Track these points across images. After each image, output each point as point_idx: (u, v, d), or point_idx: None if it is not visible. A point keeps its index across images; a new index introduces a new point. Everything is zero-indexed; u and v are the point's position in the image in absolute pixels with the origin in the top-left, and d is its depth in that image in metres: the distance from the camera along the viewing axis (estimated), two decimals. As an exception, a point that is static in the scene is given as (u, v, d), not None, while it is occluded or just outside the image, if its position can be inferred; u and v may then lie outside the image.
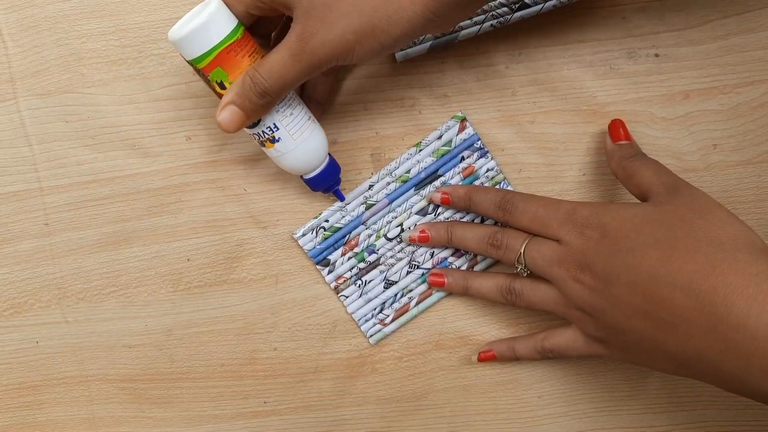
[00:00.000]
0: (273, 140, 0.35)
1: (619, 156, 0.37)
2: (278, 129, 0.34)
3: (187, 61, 0.33)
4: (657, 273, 0.31)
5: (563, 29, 0.40)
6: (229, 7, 0.32)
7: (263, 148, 0.36)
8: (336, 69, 0.37)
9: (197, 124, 0.41)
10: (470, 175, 0.41)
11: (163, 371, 0.43)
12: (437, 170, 0.41)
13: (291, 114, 0.34)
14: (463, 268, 0.41)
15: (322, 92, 0.39)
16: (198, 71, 0.33)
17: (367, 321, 0.42)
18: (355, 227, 0.41)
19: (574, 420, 0.42)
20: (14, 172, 0.42)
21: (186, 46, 0.32)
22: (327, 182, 0.38)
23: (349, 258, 0.41)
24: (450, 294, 0.42)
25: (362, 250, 0.41)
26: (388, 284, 0.42)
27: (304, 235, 0.41)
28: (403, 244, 0.41)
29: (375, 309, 0.42)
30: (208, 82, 0.33)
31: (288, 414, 0.43)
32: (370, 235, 0.41)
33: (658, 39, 0.40)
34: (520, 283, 0.37)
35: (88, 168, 0.41)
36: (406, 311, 0.42)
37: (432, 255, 0.41)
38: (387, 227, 0.41)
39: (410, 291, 0.42)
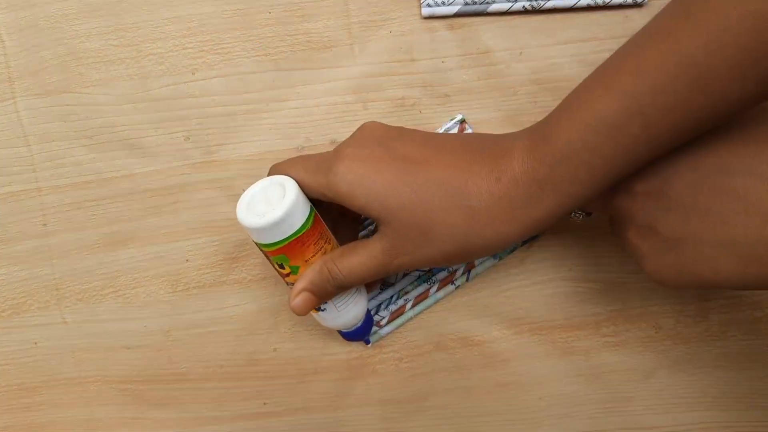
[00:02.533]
0: (319, 309, 0.36)
1: None
2: (326, 303, 0.36)
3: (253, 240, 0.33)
4: (727, 164, 0.29)
5: (564, 28, 0.40)
6: (304, 190, 0.33)
7: None
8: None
9: (196, 123, 0.41)
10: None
11: (162, 372, 0.43)
12: None
13: (342, 292, 0.35)
14: (461, 270, 0.41)
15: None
16: (259, 248, 0.34)
17: None
18: (355, 228, 0.41)
19: (575, 421, 0.42)
20: (12, 172, 0.41)
21: (255, 235, 0.32)
22: (358, 337, 0.39)
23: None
24: (443, 298, 0.42)
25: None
26: (385, 286, 0.42)
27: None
28: None
29: (371, 310, 0.42)
30: (267, 257, 0.34)
31: (288, 415, 0.43)
32: (366, 236, 0.41)
33: (660, 38, 0.40)
34: None
35: (87, 168, 0.41)
36: (402, 313, 0.42)
37: None
38: None
39: (406, 293, 0.42)
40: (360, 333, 0.39)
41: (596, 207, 0.34)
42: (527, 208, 0.30)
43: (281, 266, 0.34)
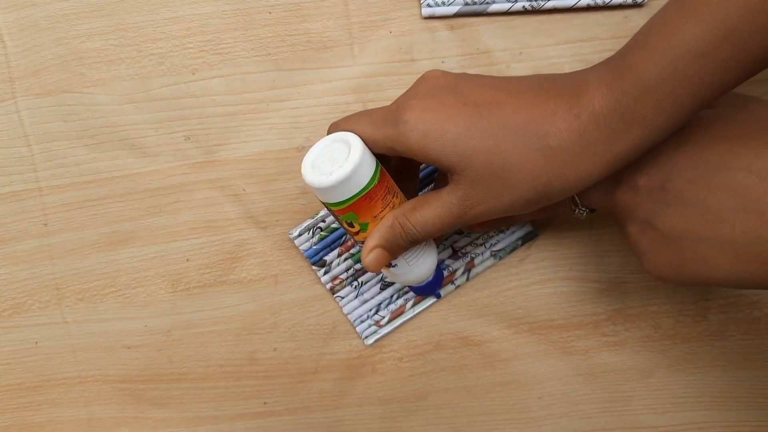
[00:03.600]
0: (389, 265, 0.35)
1: None
2: (397, 259, 0.34)
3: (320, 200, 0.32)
4: (727, 161, 0.29)
5: (565, 28, 0.40)
6: (370, 146, 0.31)
7: None
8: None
9: (196, 123, 0.41)
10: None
11: (162, 372, 0.43)
12: (435, 171, 0.40)
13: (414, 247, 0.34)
14: (461, 270, 0.41)
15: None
16: (327, 208, 0.33)
17: (362, 322, 0.42)
18: (354, 227, 0.41)
19: (574, 421, 0.42)
20: (13, 172, 0.41)
21: (323, 194, 0.31)
22: (428, 292, 0.39)
23: (346, 259, 0.41)
24: (445, 296, 0.42)
25: (359, 251, 0.41)
26: (384, 285, 0.42)
27: (300, 235, 0.41)
28: None
29: (371, 310, 0.42)
30: (336, 217, 0.33)
31: (288, 415, 0.43)
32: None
33: (659, 38, 0.40)
34: None
35: (87, 168, 0.41)
36: (402, 313, 0.42)
37: None
38: None
39: (406, 292, 0.42)
40: (431, 287, 0.38)
41: (599, 203, 0.34)
42: (610, 144, 0.29)
43: (350, 224, 0.32)
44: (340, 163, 0.30)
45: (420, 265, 0.35)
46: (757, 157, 0.28)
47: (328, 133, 0.33)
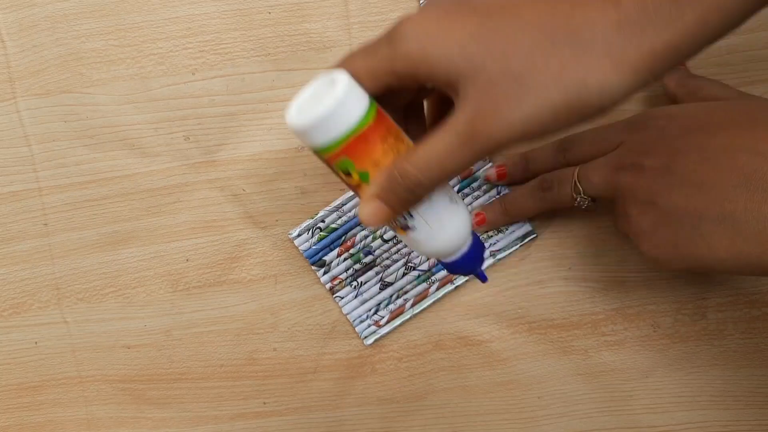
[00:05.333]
0: (406, 228, 0.29)
1: (678, 76, 0.36)
2: (413, 218, 0.29)
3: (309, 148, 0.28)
4: (733, 144, 0.29)
5: (563, 29, 0.40)
6: (365, 81, 0.26)
7: (396, 233, 0.32)
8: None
9: (196, 123, 0.41)
10: (468, 177, 0.41)
11: (162, 372, 0.43)
12: None
13: (429, 199, 0.29)
14: None
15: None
16: (319, 157, 0.28)
17: (362, 322, 0.42)
18: (352, 228, 0.41)
19: (573, 420, 0.42)
20: (13, 172, 0.41)
21: (307, 136, 0.27)
22: (466, 267, 0.32)
23: (345, 259, 0.41)
24: (442, 297, 0.42)
25: (358, 251, 0.41)
26: (384, 286, 0.42)
27: (299, 235, 0.41)
28: (399, 245, 0.41)
29: (370, 310, 0.42)
30: (332, 168, 0.29)
31: (288, 414, 0.43)
32: (366, 236, 0.41)
33: (658, 38, 0.40)
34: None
35: (87, 168, 0.41)
36: (401, 313, 0.42)
37: (428, 257, 0.41)
38: (383, 228, 0.41)
39: (406, 293, 0.42)
40: (468, 262, 0.31)
41: (602, 187, 0.34)
42: (660, 32, 0.23)
43: (347, 174, 0.28)
44: (322, 100, 0.26)
45: (444, 226, 0.29)
46: (763, 141, 0.29)
47: None
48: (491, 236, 0.41)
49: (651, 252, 0.32)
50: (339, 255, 0.41)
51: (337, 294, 0.42)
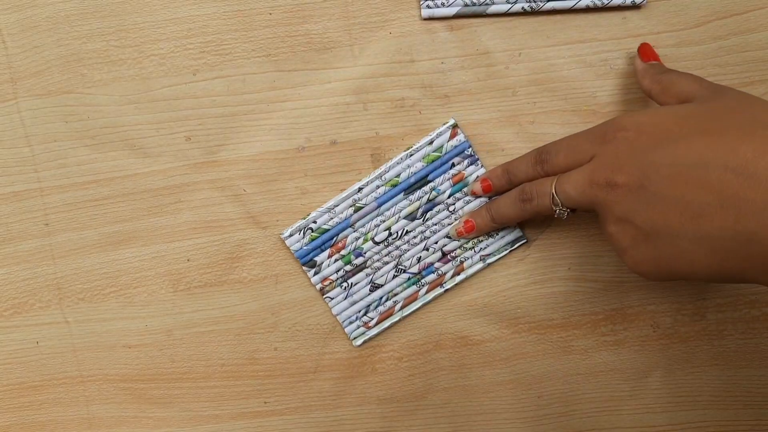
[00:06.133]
0: None
1: (652, 72, 0.36)
2: None
3: None
4: (704, 158, 0.29)
5: (563, 29, 0.40)
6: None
7: None
8: None
9: (197, 124, 0.41)
10: (460, 181, 0.41)
11: (163, 371, 0.43)
12: (427, 175, 0.41)
13: None
14: (450, 273, 0.42)
15: None
16: None
17: (351, 323, 0.42)
18: (343, 230, 0.41)
19: (573, 420, 0.42)
20: (14, 172, 0.42)
21: None
22: None
23: (336, 260, 0.41)
24: (434, 299, 0.42)
25: (349, 253, 0.41)
26: (374, 287, 0.42)
27: (291, 235, 0.41)
28: (390, 248, 0.41)
29: (360, 311, 0.42)
30: None
31: (288, 414, 0.43)
32: (357, 238, 0.41)
33: (658, 39, 0.40)
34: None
35: (88, 168, 0.41)
36: (391, 315, 0.42)
37: (419, 260, 0.41)
38: (375, 231, 0.41)
39: (395, 294, 0.42)
40: None
41: (578, 201, 0.34)
42: None
43: None
44: None
45: None
46: (734, 153, 0.28)
47: None
48: (481, 240, 0.41)
49: (633, 267, 0.32)
50: (330, 256, 0.41)
51: (327, 295, 0.42)
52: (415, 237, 0.41)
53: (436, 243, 0.41)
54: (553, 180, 0.35)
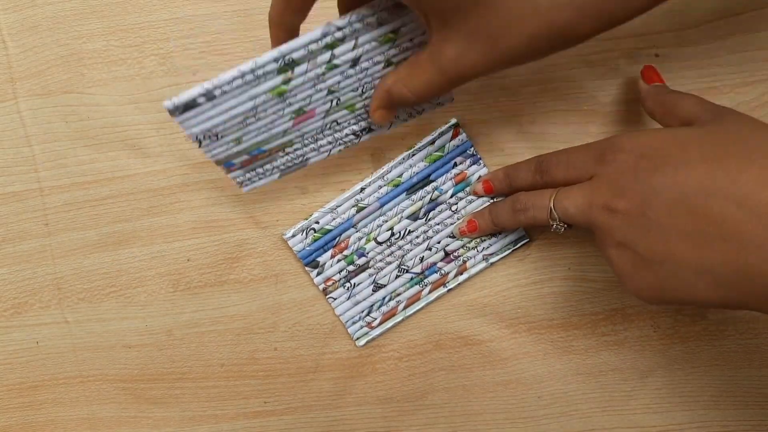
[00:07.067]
0: None
1: (655, 93, 0.36)
2: None
3: None
4: (705, 187, 0.29)
5: (563, 29, 0.40)
6: None
7: None
8: None
9: (197, 124, 0.41)
10: (462, 181, 0.41)
11: (163, 371, 0.43)
12: (429, 175, 0.41)
13: None
14: (453, 273, 0.42)
15: None
16: None
17: (354, 323, 0.42)
18: (346, 230, 0.41)
19: (573, 420, 0.42)
20: (14, 172, 0.42)
21: None
22: None
23: (339, 260, 0.41)
24: (437, 299, 0.42)
25: (352, 253, 0.41)
26: (377, 287, 0.42)
27: (294, 235, 0.41)
28: (393, 248, 0.41)
29: (363, 312, 0.42)
30: None
31: (288, 414, 0.43)
32: (360, 238, 0.41)
33: (658, 39, 0.40)
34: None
35: (88, 168, 0.41)
36: (394, 315, 0.42)
37: (422, 260, 0.41)
38: (377, 231, 0.41)
39: (398, 295, 0.42)
40: None
41: (576, 220, 0.33)
42: None
43: None
44: None
45: None
46: (735, 183, 0.28)
47: None
48: (484, 240, 0.41)
49: (634, 293, 0.32)
50: (332, 256, 0.41)
51: (330, 295, 0.42)
52: (417, 237, 0.41)
53: (439, 243, 0.41)
54: (552, 194, 0.34)
